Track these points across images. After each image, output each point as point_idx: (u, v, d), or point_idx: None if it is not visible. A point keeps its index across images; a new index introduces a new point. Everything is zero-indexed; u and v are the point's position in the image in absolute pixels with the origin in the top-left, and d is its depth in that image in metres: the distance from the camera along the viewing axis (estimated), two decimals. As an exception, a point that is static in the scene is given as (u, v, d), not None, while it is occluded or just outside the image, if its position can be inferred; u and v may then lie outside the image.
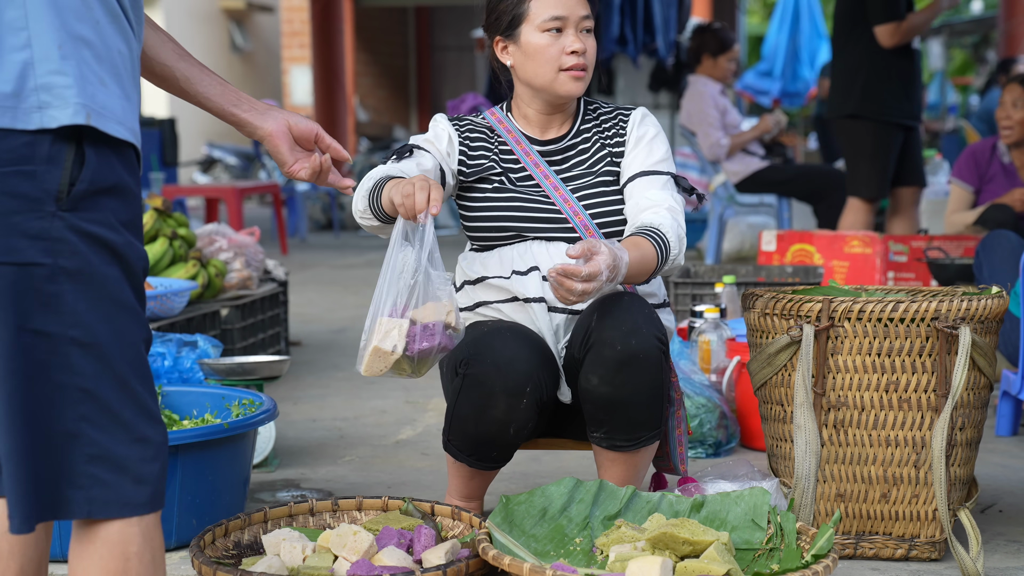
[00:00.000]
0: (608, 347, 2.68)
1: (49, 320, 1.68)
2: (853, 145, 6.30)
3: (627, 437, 2.76)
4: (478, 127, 3.00)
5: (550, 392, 2.78)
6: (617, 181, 2.94)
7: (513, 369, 2.68)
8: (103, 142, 1.72)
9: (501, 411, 2.71)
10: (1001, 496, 3.39)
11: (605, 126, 2.99)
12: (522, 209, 2.89)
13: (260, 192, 10.64)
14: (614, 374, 2.69)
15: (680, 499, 2.61)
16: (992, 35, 19.96)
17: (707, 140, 7.32)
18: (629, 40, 9.85)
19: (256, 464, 3.64)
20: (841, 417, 2.82)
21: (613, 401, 2.72)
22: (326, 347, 5.93)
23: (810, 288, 3.04)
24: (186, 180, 16.72)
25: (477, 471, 2.88)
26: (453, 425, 2.79)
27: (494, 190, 2.92)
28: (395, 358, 2.46)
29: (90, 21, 1.71)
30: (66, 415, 1.70)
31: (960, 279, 4.99)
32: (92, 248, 1.71)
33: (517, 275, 2.86)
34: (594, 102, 3.05)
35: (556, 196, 2.90)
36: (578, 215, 2.88)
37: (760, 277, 5.15)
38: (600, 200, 2.91)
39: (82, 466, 1.71)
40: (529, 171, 2.94)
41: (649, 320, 2.74)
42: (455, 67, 20.71)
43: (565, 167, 2.96)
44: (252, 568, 2.45)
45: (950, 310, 2.74)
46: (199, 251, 4.89)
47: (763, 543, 2.52)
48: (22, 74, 1.66)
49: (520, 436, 2.78)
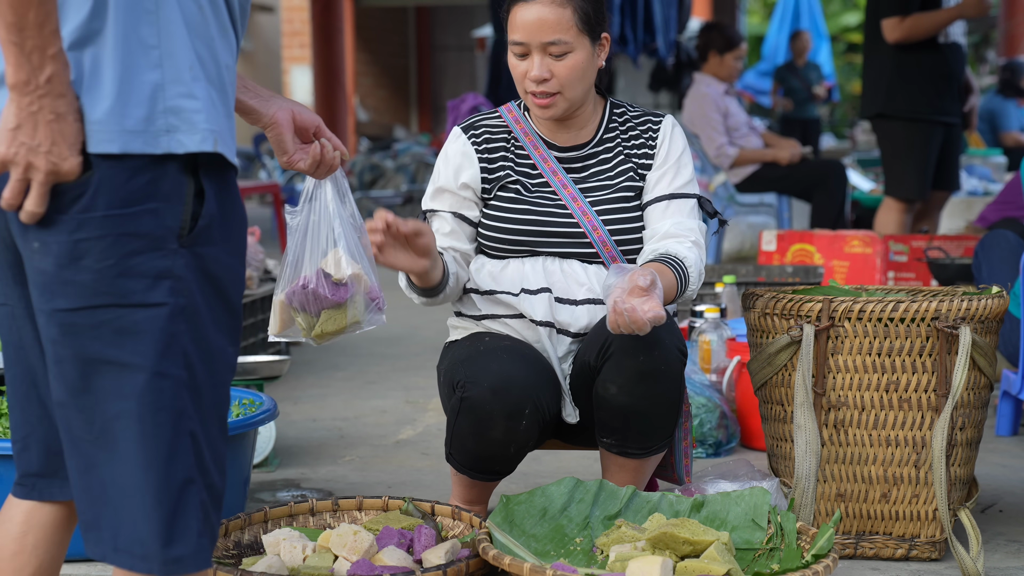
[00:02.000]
0: (630, 357, 2.64)
1: (168, 362, 1.65)
2: (887, 145, 6.12)
3: (639, 446, 2.73)
4: (496, 132, 2.91)
5: (552, 410, 2.73)
6: (637, 196, 2.86)
7: (510, 392, 2.63)
8: (216, 167, 1.69)
9: (500, 432, 2.67)
10: (1001, 496, 3.39)
11: (632, 134, 2.90)
12: (538, 223, 2.82)
13: (260, 192, 10.65)
14: (634, 385, 2.65)
15: (680, 499, 2.61)
16: (992, 35, 19.94)
17: (711, 144, 7.31)
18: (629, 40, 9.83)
19: (256, 464, 3.64)
20: (841, 417, 2.82)
21: (631, 411, 2.68)
22: (326, 347, 5.90)
23: (810, 288, 3.03)
24: (186, 180, 16.70)
25: (485, 483, 2.85)
26: (453, 442, 2.76)
27: (510, 200, 2.85)
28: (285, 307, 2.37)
29: (206, 38, 1.68)
30: (185, 460, 1.68)
31: (960, 279, 4.98)
32: (202, 284, 1.68)
33: (527, 294, 2.80)
34: (621, 104, 2.96)
35: (574, 208, 2.82)
36: (596, 230, 2.81)
37: (760, 277, 5.15)
38: (619, 216, 2.83)
39: (194, 510, 1.68)
40: (546, 178, 2.86)
41: (671, 332, 2.69)
42: (455, 67, 20.72)
43: (584, 175, 2.88)
44: (252, 568, 2.45)
45: (950, 310, 2.74)
46: (199, 251, 4.89)
47: (763, 543, 2.52)
48: (152, 95, 1.62)
49: (522, 453, 2.75)
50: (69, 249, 1.62)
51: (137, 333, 1.64)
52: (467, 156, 2.88)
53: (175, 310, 1.65)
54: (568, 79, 2.77)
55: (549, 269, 2.82)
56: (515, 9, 2.77)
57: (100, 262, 1.62)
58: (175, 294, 1.65)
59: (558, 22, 2.73)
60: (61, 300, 1.63)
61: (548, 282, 2.80)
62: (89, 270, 1.62)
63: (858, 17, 27.48)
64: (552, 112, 2.80)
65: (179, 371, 1.66)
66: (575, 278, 2.80)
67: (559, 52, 2.74)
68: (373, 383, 4.99)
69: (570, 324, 2.78)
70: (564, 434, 2.89)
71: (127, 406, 1.64)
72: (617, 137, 2.90)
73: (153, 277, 1.64)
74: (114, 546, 1.68)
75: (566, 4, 2.74)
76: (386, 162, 13.89)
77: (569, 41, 2.74)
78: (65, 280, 1.63)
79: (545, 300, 2.78)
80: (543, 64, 2.75)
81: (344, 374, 5.25)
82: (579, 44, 2.76)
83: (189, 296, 1.66)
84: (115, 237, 1.62)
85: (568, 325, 2.78)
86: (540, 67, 2.75)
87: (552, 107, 2.79)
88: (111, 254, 1.62)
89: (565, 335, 2.79)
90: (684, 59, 10.15)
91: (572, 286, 2.80)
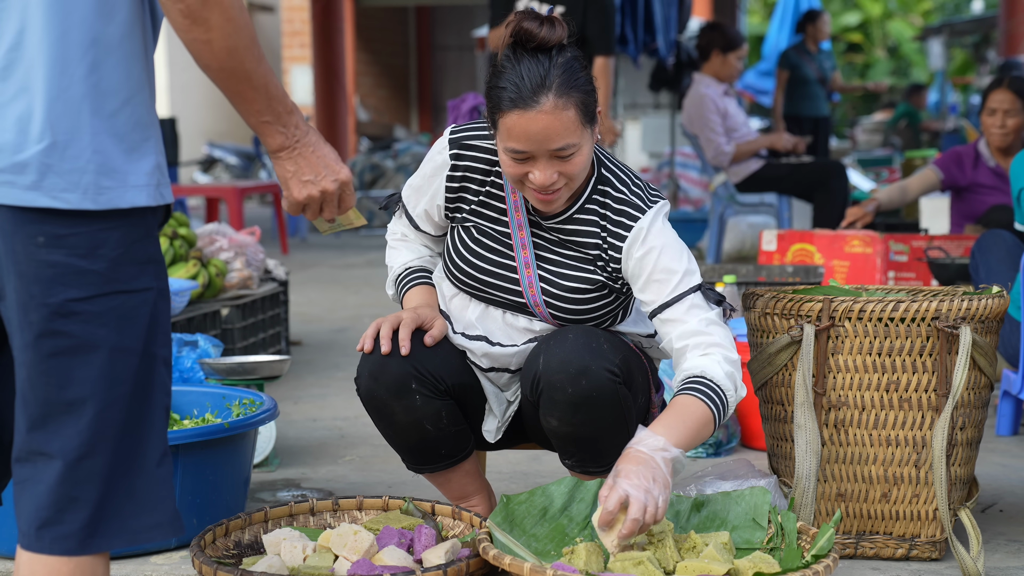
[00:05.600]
0: (559, 391, 2.56)
1: (155, 343, 1.78)
2: None
3: (597, 465, 2.69)
4: (479, 163, 2.70)
5: (448, 379, 2.68)
6: (596, 286, 2.67)
7: (387, 372, 2.63)
8: None
9: (401, 414, 2.66)
10: (1002, 496, 3.39)
11: (609, 224, 2.65)
12: (485, 272, 2.71)
13: (261, 192, 10.63)
14: (571, 416, 2.59)
15: (680, 499, 2.61)
16: (993, 35, 19.95)
17: (710, 146, 7.31)
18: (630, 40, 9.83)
19: (257, 464, 3.64)
20: (842, 417, 2.82)
21: (576, 438, 2.64)
22: (327, 347, 5.93)
23: (811, 288, 3.03)
24: (187, 180, 16.71)
25: (446, 471, 2.81)
26: (390, 444, 2.77)
27: (466, 239, 2.73)
28: None
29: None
30: (163, 435, 1.82)
31: (961, 279, 4.98)
32: (162, 266, 1.83)
33: (464, 338, 2.74)
34: (607, 181, 2.67)
35: (524, 275, 2.68)
36: (539, 307, 2.69)
37: (760, 277, 5.15)
38: (565, 305, 2.68)
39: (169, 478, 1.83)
40: (511, 230, 2.69)
41: (598, 355, 2.56)
42: (455, 67, 20.72)
43: (548, 243, 2.70)
44: (252, 568, 2.45)
45: (951, 310, 2.74)
46: (200, 251, 4.89)
47: (764, 543, 2.52)
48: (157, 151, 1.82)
49: (444, 427, 2.70)
50: (88, 240, 1.71)
51: (134, 318, 1.74)
52: (438, 178, 2.73)
53: (159, 293, 1.78)
54: (575, 173, 2.55)
55: (491, 316, 2.75)
56: (510, 117, 2.49)
57: (114, 250, 1.72)
58: (158, 278, 1.78)
59: (564, 127, 2.48)
60: (74, 290, 1.70)
61: (486, 330, 2.74)
62: (105, 259, 1.72)
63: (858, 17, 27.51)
64: (554, 207, 2.60)
65: (161, 350, 1.79)
66: (515, 326, 2.74)
67: (567, 155, 2.52)
68: (373, 383, 4.98)
69: (509, 364, 2.74)
70: (540, 440, 2.84)
71: (123, 391, 1.74)
72: (592, 223, 2.67)
73: (144, 263, 1.76)
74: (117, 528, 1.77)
75: (568, 105, 2.49)
76: (386, 162, 13.90)
77: (577, 142, 2.51)
78: (81, 270, 1.70)
79: (479, 347, 2.72)
80: (549, 168, 2.52)
81: (344, 374, 5.25)
82: (584, 137, 2.53)
83: (165, 278, 1.80)
84: (126, 227, 1.74)
85: (507, 364, 2.74)
86: (548, 174, 2.52)
87: (555, 201, 2.59)
88: (123, 242, 1.73)
89: (497, 371, 2.76)
90: (684, 59, 10.14)
91: (512, 333, 2.74)
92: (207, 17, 1.72)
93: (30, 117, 1.70)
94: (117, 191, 1.73)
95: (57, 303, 1.70)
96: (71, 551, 1.74)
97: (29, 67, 1.70)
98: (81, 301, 1.70)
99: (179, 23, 1.73)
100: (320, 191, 1.95)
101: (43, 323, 1.70)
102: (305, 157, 1.91)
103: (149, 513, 1.79)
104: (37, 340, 1.71)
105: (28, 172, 1.69)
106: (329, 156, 1.94)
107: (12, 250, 1.71)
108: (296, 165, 1.92)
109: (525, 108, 2.47)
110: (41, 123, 1.69)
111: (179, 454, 2.89)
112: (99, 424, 1.73)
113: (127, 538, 1.77)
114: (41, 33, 1.69)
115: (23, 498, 1.76)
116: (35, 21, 1.69)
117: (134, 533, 1.78)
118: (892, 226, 6.77)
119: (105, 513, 1.75)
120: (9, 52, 1.70)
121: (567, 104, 2.48)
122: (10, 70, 1.70)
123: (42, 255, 1.70)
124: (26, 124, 1.70)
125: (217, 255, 5.04)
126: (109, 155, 1.73)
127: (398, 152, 14.54)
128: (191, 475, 2.92)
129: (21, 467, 1.77)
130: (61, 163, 1.70)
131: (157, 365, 1.79)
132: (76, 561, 1.75)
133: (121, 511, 1.76)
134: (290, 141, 1.89)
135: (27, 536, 1.76)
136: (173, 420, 3.26)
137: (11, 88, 1.70)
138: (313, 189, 1.94)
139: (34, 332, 1.71)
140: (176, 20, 1.73)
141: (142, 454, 1.77)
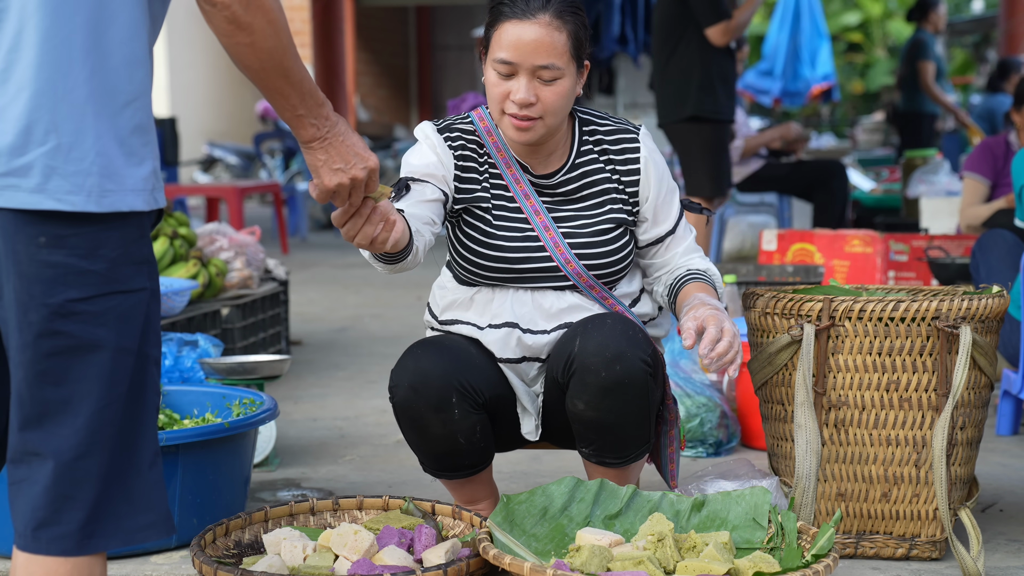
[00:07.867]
0: (592, 374, 2.59)
1: (147, 343, 1.80)
2: (697, 146, 6.10)
3: (615, 456, 2.71)
4: (469, 142, 2.78)
5: (487, 390, 2.70)
6: (619, 226, 2.78)
7: (429, 385, 2.63)
8: None
9: (437, 427, 2.67)
10: (1002, 495, 3.39)
11: (611, 155, 2.79)
12: (508, 259, 2.73)
13: (261, 191, 10.65)
14: (600, 400, 2.61)
15: (681, 499, 2.61)
16: (993, 34, 19.94)
17: None
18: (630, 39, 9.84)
19: (257, 463, 3.64)
20: (842, 416, 2.82)
21: (601, 425, 2.65)
22: (327, 346, 5.93)
23: (811, 287, 3.03)
24: (187, 179, 16.70)
25: (465, 480, 2.83)
26: (414, 450, 2.78)
27: (479, 229, 2.76)
28: None
29: None
30: (155, 434, 1.84)
31: (961, 278, 4.99)
32: (155, 267, 1.85)
33: (491, 328, 2.74)
34: (590, 121, 2.82)
35: (547, 239, 2.73)
36: (570, 263, 2.72)
37: (761, 276, 5.15)
38: (596, 251, 2.75)
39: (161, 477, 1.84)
40: (519, 203, 2.76)
41: (634, 343, 2.61)
42: (456, 66, 20.71)
43: (558, 203, 2.77)
44: (253, 567, 2.45)
45: (951, 309, 2.74)
46: (200, 250, 4.89)
47: (764, 542, 2.52)
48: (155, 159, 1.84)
49: (477, 441, 2.72)
50: (89, 240, 1.72)
51: (130, 318, 1.76)
52: (439, 159, 2.75)
53: (152, 294, 1.79)
54: (553, 106, 2.65)
55: (520, 300, 2.76)
56: (506, 26, 2.64)
57: (113, 251, 1.74)
58: (151, 278, 1.80)
59: (553, 46, 2.62)
60: (74, 291, 1.71)
61: (515, 315, 2.75)
62: (105, 259, 1.73)
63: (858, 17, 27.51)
64: (529, 136, 2.68)
65: (153, 350, 1.80)
66: (545, 310, 2.75)
67: (550, 77, 2.63)
68: (374, 382, 4.99)
69: (540, 352, 2.75)
70: (555, 438, 2.86)
71: (119, 391, 1.75)
72: (594, 163, 2.79)
73: (139, 263, 1.78)
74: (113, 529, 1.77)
75: (562, 28, 2.63)
76: (387, 161, 13.90)
77: (561, 67, 2.63)
78: (81, 271, 1.71)
79: (510, 335, 2.73)
80: (530, 87, 2.63)
81: (345, 373, 5.25)
82: (568, 71, 2.65)
83: (157, 279, 1.82)
84: (124, 228, 1.75)
85: (538, 353, 2.75)
86: (527, 90, 2.63)
87: (530, 131, 2.67)
88: (121, 243, 1.75)
89: (535, 362, 2.77)
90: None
91: (542, 318, 2.75)
92: (250, 22, 1.76)
93: (32, 119, 1.69)
94: (118, 194, 1.74)
95: (57, 303, 1.70)
96: (68, 551, 1.74)
97: (28, 68, 1.69)
98: (81, 301, 1.71)
99: (223, 29, 1.77)
100: (350, 179, 2.01)
101: (43, 323, 1.71)
102: (335, 147, 1.97)
103: (144, 513, 1.79)
104: (36, 340, 1.71)
105: (32, 174, 1.69)
106: (357, 145, 2.00)
107: (13, 250, 1.71)
108: (327, 154, 1.97)
109: (522, 18, 2.63)
110: (45, 125, 1.69)
111: (179, 454, 2.89)
112: (96, 424, 1.73)
113: (123, 538, 1.78)
114: (40, 35, 1.69)
115: (19, 499, 1.76)
116: (32, 23, 1.69)
117: (129, 533, 1.79)
118: (892, 226, 6.78)
119: (102, 513, 1.75)
120: (8, 54, 1.70)
121: (562, 27, 2.64)
122: (8, 72, 1.70)
123: (43, 255, 1.70)
124: (28, 126, 1.69)
125: (217, 255, 5.04)
126: (111, 158, 1.73)
127: (398, 152, 14.54)
128: (191, 475, 2.92)
129: (16, 468, 1.77)
130: (66, 165, 1.70)
131: (149, 365, 1.80)
132: (73, 562, 1.75)
133: (117, 511, 1.77)
134: (322, 132, 1.94)
135: (24, 537, 1.75)
136: (173, 420, 3.26)
137: (10, 90, 1.70)
138: (343, 177, 2.00)
139: (33, 332, 1.71)
140: (220, 27, 1.77)
141: (136, 454, 1.78)
